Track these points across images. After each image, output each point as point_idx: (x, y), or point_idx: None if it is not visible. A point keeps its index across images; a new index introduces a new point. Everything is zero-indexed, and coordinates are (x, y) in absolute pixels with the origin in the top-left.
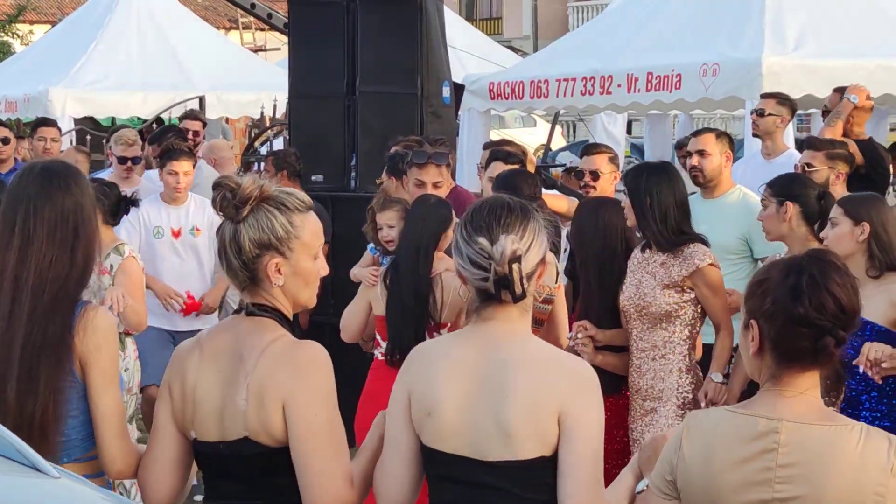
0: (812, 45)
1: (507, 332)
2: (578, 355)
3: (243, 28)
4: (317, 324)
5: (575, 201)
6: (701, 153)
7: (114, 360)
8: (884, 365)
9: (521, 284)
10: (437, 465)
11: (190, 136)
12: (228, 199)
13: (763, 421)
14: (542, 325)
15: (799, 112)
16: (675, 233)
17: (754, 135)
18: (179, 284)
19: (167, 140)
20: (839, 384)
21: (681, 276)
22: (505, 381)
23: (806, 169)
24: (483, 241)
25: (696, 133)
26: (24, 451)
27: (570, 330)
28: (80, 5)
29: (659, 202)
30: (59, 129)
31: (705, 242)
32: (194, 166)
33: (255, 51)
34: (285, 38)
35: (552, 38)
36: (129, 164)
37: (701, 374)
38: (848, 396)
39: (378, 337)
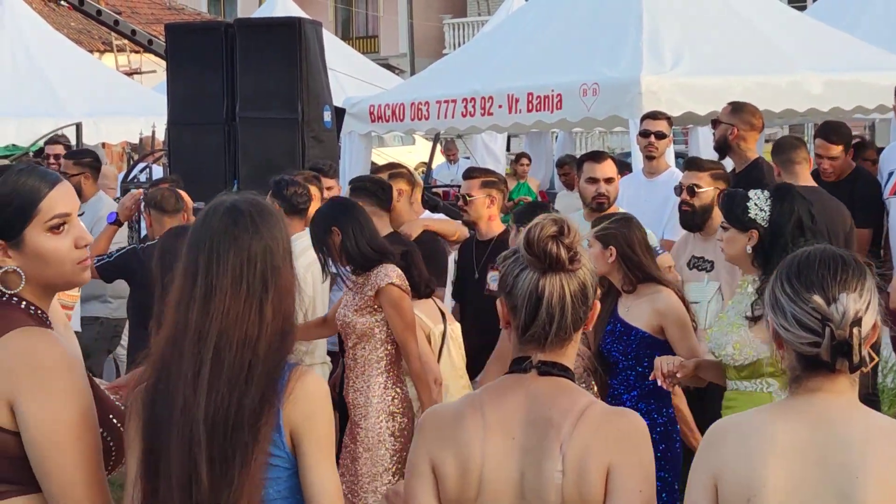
0: (689, 63)
1: (841, 405)
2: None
3: (117, 51)
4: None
5: (460, 224)
6: (609, 181)
7: (329, 430)
8: (678, 375)
9: (860, 351)
10: None
11: (52, 160)
12: (564, 244)
13: None
14: None
15: (676, 127)
16: (366, 255)
17: (650, 156)
18: None
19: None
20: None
21: (368, 296)
22: (851, 461)
23: (696, 189)
24: (818, 299)
25: (597, 158)
26: None
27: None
28: None
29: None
30: None
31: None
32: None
33: (130, 74)
34: (160, 61)
35: (428, 56)
36: None
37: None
38: (611, 394)
39: None
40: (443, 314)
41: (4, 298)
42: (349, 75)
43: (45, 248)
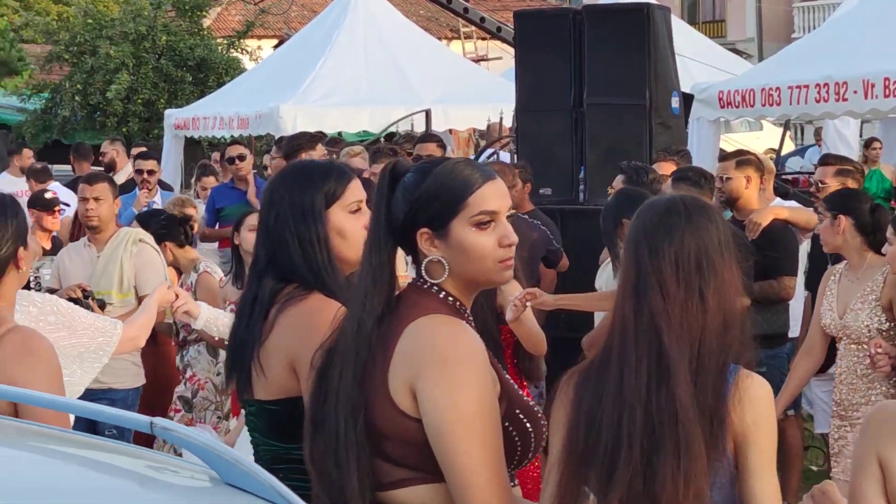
0: None
1: None
2: None
3: (465, 38)
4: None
5: (812, 213)
6: None
7: (774, 439)
8: None
9: None
10: None
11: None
12: None
13: None
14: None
15: None
16: None
17: None
18: None
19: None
20: None
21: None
22: None
23: None
24: None
25: None
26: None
27: None
28: (307, 20)
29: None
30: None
31: None
32: None
33: (477, 60)
34: (507, 47)
35: (776, 40)
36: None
37: None
38: None
39: None
40: None
41: (426, 287)
42: (697, 60)
43: (468, 242)
